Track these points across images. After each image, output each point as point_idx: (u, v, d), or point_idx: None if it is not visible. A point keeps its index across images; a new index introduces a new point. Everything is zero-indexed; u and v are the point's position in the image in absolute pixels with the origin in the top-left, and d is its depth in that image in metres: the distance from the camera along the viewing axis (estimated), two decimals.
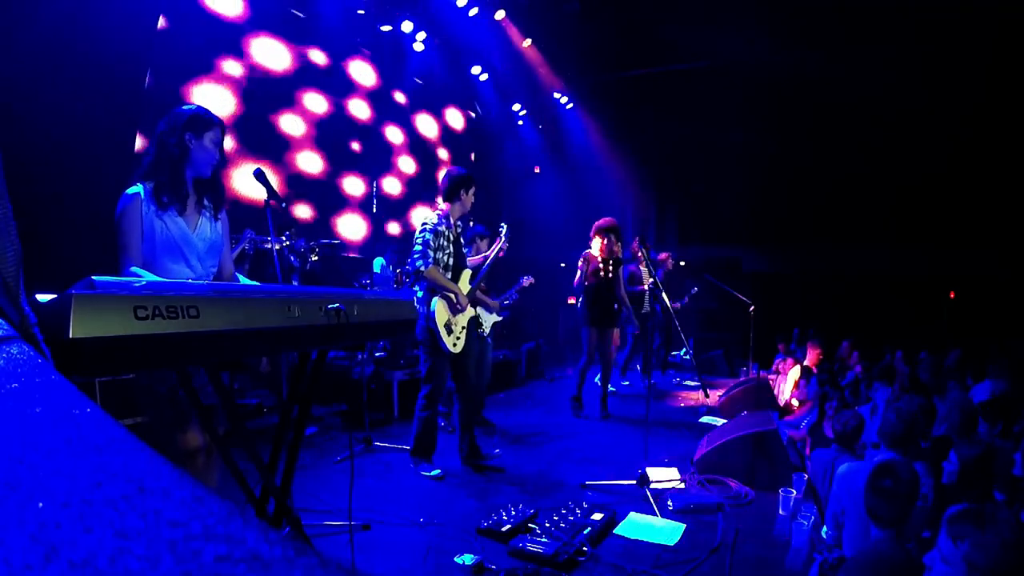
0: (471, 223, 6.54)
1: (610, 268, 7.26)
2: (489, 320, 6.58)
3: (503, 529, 3.76)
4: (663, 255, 10.28)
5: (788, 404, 7.77)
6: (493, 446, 5.78)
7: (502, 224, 5.74)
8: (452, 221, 4.98)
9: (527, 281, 6.86)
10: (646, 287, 8.75)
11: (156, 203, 2.71)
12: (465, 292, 5.03)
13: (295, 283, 6.21)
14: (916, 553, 2.36)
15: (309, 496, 4.32)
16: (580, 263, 7.32)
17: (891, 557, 2.54)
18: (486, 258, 5.58)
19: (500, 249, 5.57)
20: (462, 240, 5.17)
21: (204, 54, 7.09)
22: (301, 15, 8.45)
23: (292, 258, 6.42)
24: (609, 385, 7.99)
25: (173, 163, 2.77)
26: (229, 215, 3.10)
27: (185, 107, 2.84)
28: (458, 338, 4.97)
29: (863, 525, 3.14)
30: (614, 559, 3.53)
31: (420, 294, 4.87)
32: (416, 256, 4.76)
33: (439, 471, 4.92)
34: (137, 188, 2.71)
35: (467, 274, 5.14)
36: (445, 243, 4.88)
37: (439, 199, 5.03)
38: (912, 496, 2.73)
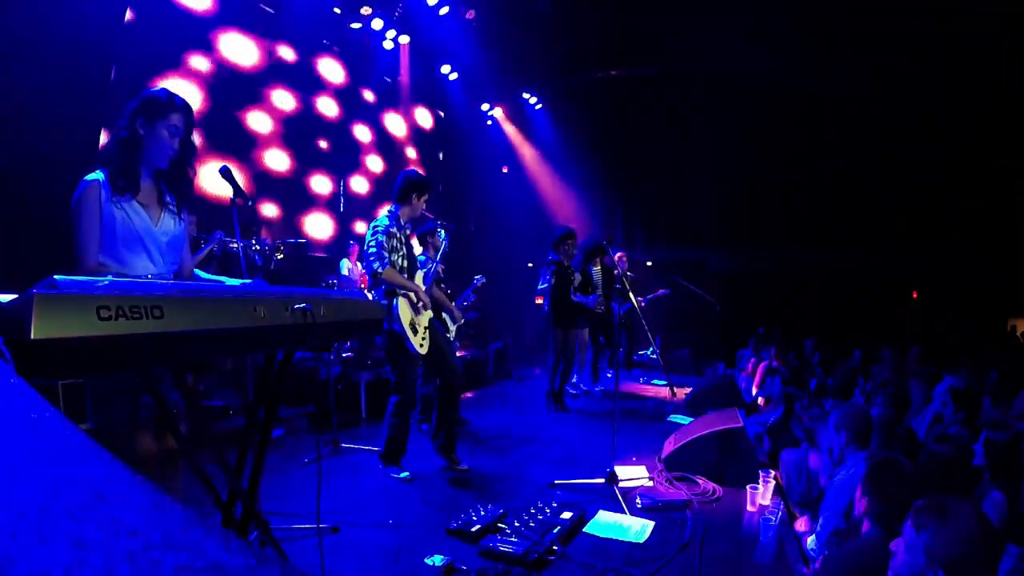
0: (436, 220, 6.53)
1: (570, 273, 7.61)
2: (453, 326, 6.62)
3: (473, 529, 3.75)
4: (618, 255, 10.36)
5: (754, 402, 7.87)
6: (467, 447, 5.79)
7: (440, 226, 5.75)
8: (402, 223, 4.91)
9: (479, 282, 7.01)
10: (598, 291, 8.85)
11: (113, 188, 2.60)
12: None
13: None
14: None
15: (277, 499, 4.27)
16: (548, 275, 7.63)
17: (872, 556, 2.57)
18: (433, 260, 5.55)
19: (442, 251, 5.58)
20: (412, 241, 5.11)
21: (171, 48, 6.98)
22: (270, 10, 8.36)
23: (256, 257, 6.34)
24: (581, 385, 8.63)
25: (125, 148, 2.66)
26: (196, 214, 3.02)
27: (148, 90, 2.72)
28: (424, 338, 4.88)
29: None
30: (584, 557, 3.54)
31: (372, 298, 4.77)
32: (372, 258, 4.66)
33: (408, 473, 4.89)
34: (96, 175, 2.61)
35: (420, 275, 5.09)
36: (398, 244, 4.80)
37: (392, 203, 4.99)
38: (910, 495, 2.76)
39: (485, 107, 13.10)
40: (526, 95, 13.18)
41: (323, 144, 9.44)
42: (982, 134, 11.96)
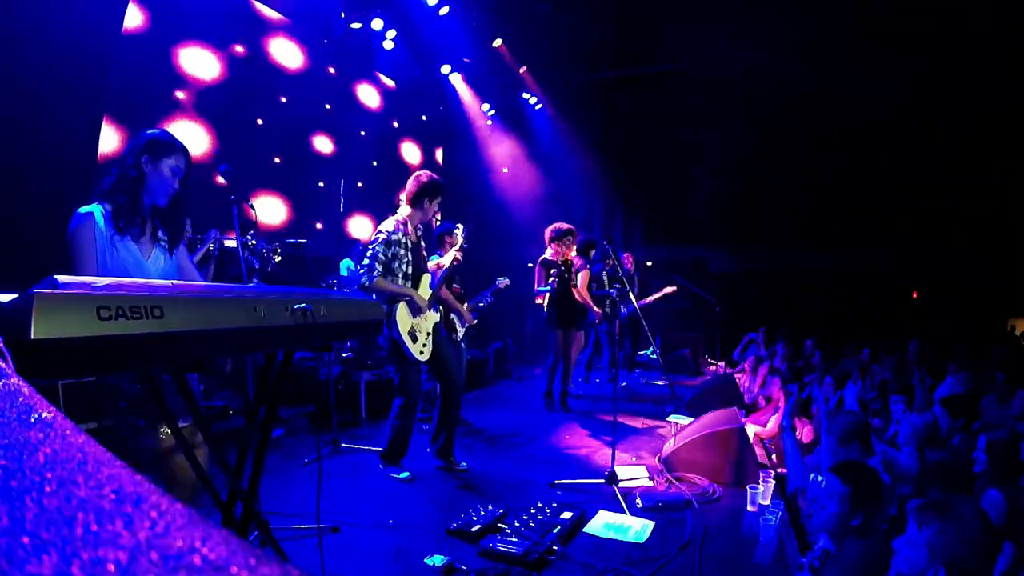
0: (456, 224, 6.50)
1: (567, 272, 7.52)
2: (462, 328, 6.60)
3: (473, 529, 3.75)
4: (625, 256, 10.39)
5: (754, 402, 7.86)
6: (467, 447, 5.80)
7: (457, 224, 5.73)
8: (411, 227, 4.87)
9: (503, 283, 6.96)
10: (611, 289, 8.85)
11: (113, 227, 2.63)
12: (426, 297, 4.92)
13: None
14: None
15: (277, 499, 4.27)
16: (539, 268, 7.61)
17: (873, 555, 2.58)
18: (445, 262, 5.54)
19: (459, 249, 5.56)
20: (422, 243, 5.08)
21: (170, 51, 6.97)
22: (270, 11, 8.36)
23: (253, 259, 6.32)
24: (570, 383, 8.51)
25: (130, 186, 2.68)
26: (194, 214, 3.02)
27: (149, 131, 2.76)
28: (424, 344, 4.85)
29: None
30: (584, 557, 3.54)
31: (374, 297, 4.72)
32: (362, 270, 4.64)
33: (408, 473, 4.89)
34: (92, 207, 2.62)
35: (427, 278, 5.03)
36: (402, 252, 4.74)
37: (401, 198, 4.96)
38: (876, 496, 2.78)
39: (485, 107, 13.09)
40: (526, 95, 13.18)
41: (323, 144, 9.43)
42: (982, 134, 11.95)
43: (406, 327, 4.70)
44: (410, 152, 11.71)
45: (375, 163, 10.57)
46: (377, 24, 9.64)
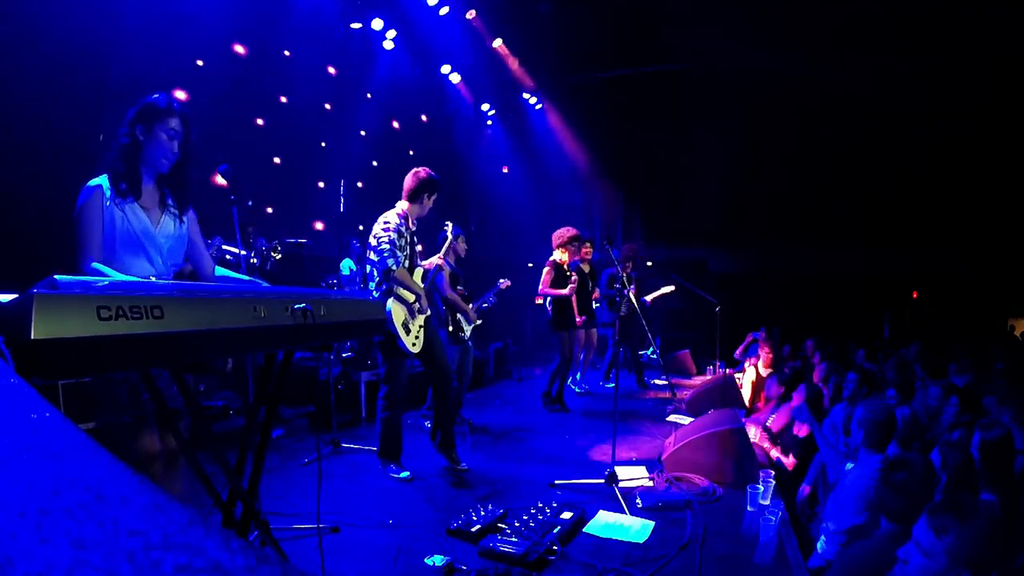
0: (446, 223, 6.53)
1: (575, 275, 7.63)
2: (469, 327, 6.64)
3: (473, 529, 3.75)
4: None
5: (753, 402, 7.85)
6: (467, 447, 5.80)
7: (446, 223, 5.75)
8: (410, 222, 4.92)
9: (504, 284, 7.04)
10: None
11: (115, 191, 2.65)
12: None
13: None
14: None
15: (277, 499, 4.27)
16: (546, 271, 7.65)
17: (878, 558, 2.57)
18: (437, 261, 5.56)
19: (448, 249, 5.59)
20: (415, 239, 5.09)
21: (171, 49, 6.96)
22: (271, 10, 8.35)
23: (253, 258, 6.29)
24: (576, 387, 8.84)
25: (126, 154, 2.70)
26: (197, 214, 3.02)
27: (146, 97, 2.76)
28: (416, 337, 4.87)
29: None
30: (584, 557, 3.54)
31: (376, 295, 4.75)
32: (386, 255, 4.63)
33: (408, 473, 4.89)
34: (99, 180, 2.65)
35: (419, 273, 5.07)
36: (404, 244, 4.81)
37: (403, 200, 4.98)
38: (927, 492, 2.76)
39: (485, 107, 13.09)
40: (526, 95, 13.18)
41: (323, 144, 9.43)
42: (982, 134, 11.95)
43: (400, 319, 4.72)
44: (410, 152, 11.69)
45: (375, 163, 10.57)
46: (377, 24, 9.64)
